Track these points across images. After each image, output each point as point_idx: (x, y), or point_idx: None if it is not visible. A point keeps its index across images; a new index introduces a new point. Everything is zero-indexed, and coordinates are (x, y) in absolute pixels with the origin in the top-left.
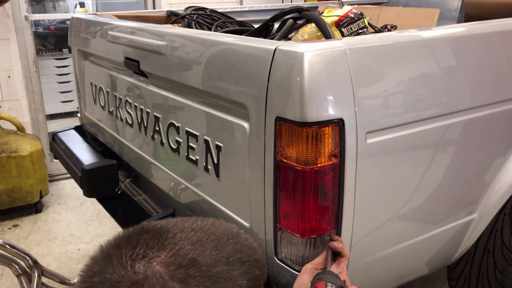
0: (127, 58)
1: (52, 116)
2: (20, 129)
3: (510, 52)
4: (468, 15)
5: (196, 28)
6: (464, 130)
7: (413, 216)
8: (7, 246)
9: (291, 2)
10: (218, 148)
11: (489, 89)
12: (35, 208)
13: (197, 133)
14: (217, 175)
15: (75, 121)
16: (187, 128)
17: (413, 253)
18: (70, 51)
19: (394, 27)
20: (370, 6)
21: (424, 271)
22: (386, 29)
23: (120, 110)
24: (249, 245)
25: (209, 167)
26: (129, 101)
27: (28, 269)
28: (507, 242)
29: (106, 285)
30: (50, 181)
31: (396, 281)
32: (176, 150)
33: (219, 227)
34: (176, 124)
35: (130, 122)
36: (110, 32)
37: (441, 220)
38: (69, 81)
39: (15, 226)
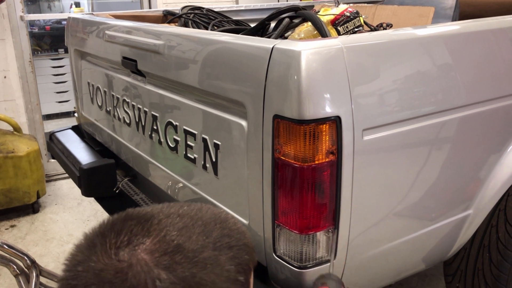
0: (124, 58)
1: (48, 116)
2: (17, 129)
3: (504, 49)
4: (462, 13)
5: (193, 27)
6: (459, 127)
7: (410, 212)
8: (5, 246)
9: (287, 1)
10: (216, 146)
11: (484, 86)
12: (32, 208)
13: (195, 132)
14: (216, 173)
15: (72, 121)
16: (185, 127)
17: (409, 249)
18: (66, 51)
19: (389, 26)
20: (366, 4)
21: (421, 266)
22: (381, 28)
23: (117, 109)
24: (237, 230)
25: (208, 165)
26: (127, 100)
27: (26, 269)
28: (502, 238)
29: (90, 274)
30: (47, 181)
31: (393, 277)
32: (174, 149)
33: (206, 212)
34: (174, 123)
35: (128, 122)
36: (107, 32)
37: (437, 216)
38: (65, 81)
39: (12, 226)
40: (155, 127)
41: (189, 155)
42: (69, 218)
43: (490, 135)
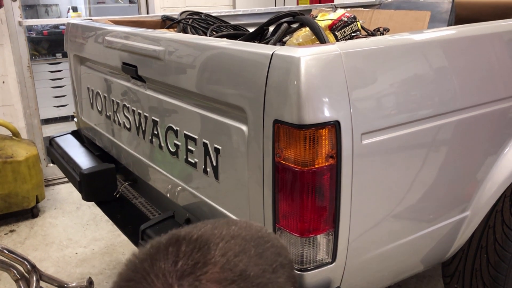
0: (124, 63)
1: (46, 121)
2: (16, 134)
3: (499, 53)
4: (458, 16)
5: (192, 33)
6: (456, 130)
7: (408, 215)
8: (5, 251)
9: (284, 5)
10: (216, 150)
11: (480, 89)
12: (32, 213)
13: (196, 136)
14: (216, 177)
15: (70, 126)
16: (185, 132)
17: (408, 250)
18: (63, 56)
19: (386, 30)
20: (363, 9)
21: (419, 268)
22: (378, 32)
23: (117, 114)
24: (282, 246)
25: (208, 169)
26: (127, 105)
27: (26, 274)
28: (499, 239)
29: None
30: (46, 186)
31: (392, 279)
32: (175, 153)
33: (251, 229)
34: (175, 128)
35: (128, 126)
36: (107, 38)
37: (435, 218)
38: (62, 86)
39: (11, 231)
40: (155, 132)
41: (189, 159)
42: (68, 223)
43: (487, 137)
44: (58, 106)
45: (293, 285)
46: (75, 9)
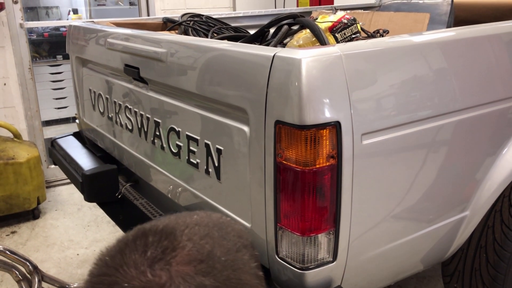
0: (126, 65)
1: (47, 123)
2: (17, 136)
3: (498, 55)
4: (457, 18)
5: (193, 35)
6: (455, 131)
7: (408, 214)
8: (7, 252)
9: (284, 7)
10: (218, 151)
11: (479, 90)
12: (33, 214)
13: (198, 137)
14: (218, 177)
15: (70, 127)
16: (187, 133)
17: (408, 250)
18: (64, 58)
19: (386, 32)
20: (362, 11)
21: (419, 267)
22: (378, 34)
23: (119, 116)
24: (241, 229)
25: (210, 170)
26: (129, 107)
27: (28, 275)
28: (498, 238)
29: None
30: (47, 187)
31: (392, 278)
32: (177, 154)
33: (213, 217)
34: (177, 129)
35: (130, 128)
36: (109, 40)
37: (435, 218)
38: (63, 88)
39: (13, 232)
40: (157, 133)
41: (191, 160)
42: (69, 224)
43: (486, 138)
44: (58, 108)
45: (256, 262)
46: (75, 11)
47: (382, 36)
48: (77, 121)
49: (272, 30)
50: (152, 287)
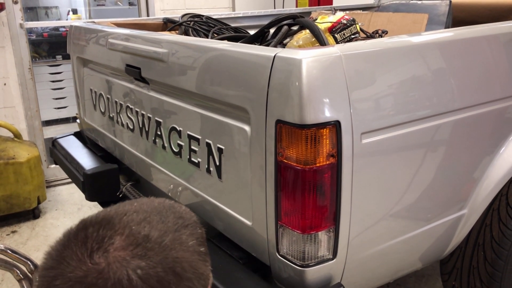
0: (128, 65)
1: (47, 123)
2: (17, 136)
3: (495, 55)
4: (455, 18)
5: (193, 35)
6: (454, 130)
7: (407, 213)
8: (8, 251)
9: (283, 7)
10: (219, 150)
11: (477, 90)
12: (33, 214)
13: (199, 137)
14: (219, 176)
15: (70, 127)
16: (188, 132)
17: (407, 248)
18: (63, 58)
19: (385, 32)
20: (361, 12)
21: (418, 265)
22: (377, 34)
23: (120, 115)
24: (185, 211)
25: (211, 169)
26: (130, 106)
27: (29, 274)
28: (496, 236)
29: (71, 283)
30: (47, 187)
31: (391, 276)
32: (178, 154)
33: (154, 203)
34: (178, 128)
35: (131, 127)
36: (110, 40)
37: (433, 216)
38: (62, 88)
39: (13, 232)
40: (158, 133)
41: (193, 159)
42: (69, 224)
43: (483, 137)
44: (58, 108)
45: (197, 239)
46: (75, 12)
47: (381, 36)
48: (78, 121)
49: (272, 31)
50: (92, 274)
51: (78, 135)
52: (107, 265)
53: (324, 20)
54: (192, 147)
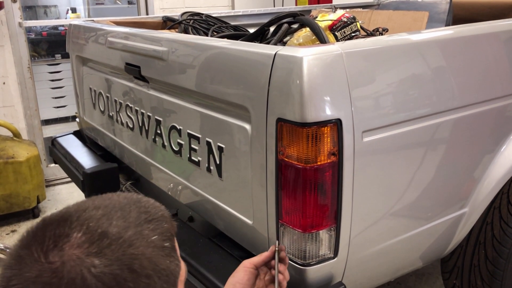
0: (127, 64)
1: (46, 122)
2: (16, 135)
3: (496, 53)
4: (455, 16)
5: (193, 33)
6: (454, 128)
7: (408, 211)
8: (7, 250)
9: (282, 5)
10: (220, 149)
11: (477, 88)
12: (33, 213)
13: (199, 135)
14: (220, 175)
15: (69, 126)
16: (189, 131)
17: (408, 246)
18: (62, 57)
19: (385, 30)
20: (362, 10)
21: (419, 264)
22: (378, 32)
23: (120, 114)
24: (152, 205)
25: (212, 167)
26: (130, 105)
27: None
28: (497, 235)
29: (27, 283)
30: (46, 186)
31: (392, 274)
32: (178, 152)
33: (119, 198)
34: (178, 127)
35: (131, 126)
36: (110, 39)
37: (434, 215)
38: (62, 87)
39: (13, 231)
40: (158, 131)
41: (193, 158)
42: None
43: (484, 135)
44: (57, 107)
45: (161, 234)
46: (74, 10)
47: (382, 34)
48: (77, 119)
49: (272, 29)
50: (47, 273)
51: (78, 134)
52: (61, 264)
53: (325, 18)
54: (192, 145)
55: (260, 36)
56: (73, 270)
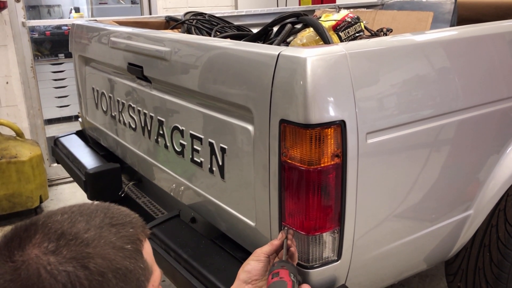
0: (130, 64)
1: (49, 121)
2: (19, 134)
3: (501, 53)
4: (460, 16)
5: (196, 33)
6: (459, 130)
7: (412, 213)
8: None
9: (286, 5)
10: (222, 150)
11: (482, 89)
12: (35, 213)
13: (202, 136)
14: (222, 176)
15: (72, 126)
16: (191, 131)
17: (412, 249)
18: (66, 56)
19: (389, 30)
20: (366, 10)
21: (423, 266)
22: (382, 33)
23: (122, 114)
24: (121, 212)
25: (214, 168)
26: (132, 105)
27: None
28: (502, 237)
29: None
30: (49, 186)
31: (396, 277)
32: (181, 153)
33: (90, 206)
34: (180, 128)
35: (134, 126)
36: (112, 39)
37: (439, 217)
38: (65, 86)
39: None
40: (161, 132)
41: (195, 159)
42: None
43: (489, 137)
44: (60, 107)
45: (124, 237)
46: (77, 10)
47: (386, 34)
48: (79, 119)
49: (275, 29)
50: (10, 272)
51: (80, 134)
52: (21, 262)
53: (328, 18)
54: (195, 146)
55: (263, 36)
56: (30, 268)
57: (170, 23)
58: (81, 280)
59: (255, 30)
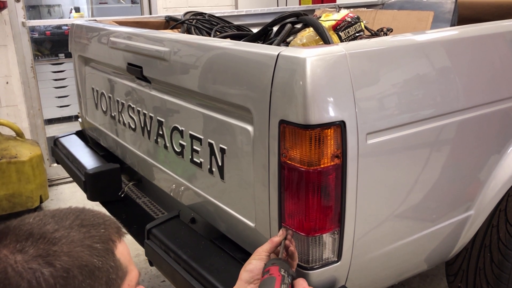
0: (129, 64)
1: (49, 121)
2: (19, 134)
3: (502, 53)
4: (460, 16)
5: (196, 33)
6: (460, 130)
7: (412, 214)
8: None
9: (286, 5)
10: (222, 150)
11: (483, 89)
12: None
13: (201, 137)
14: (222, 177)
15: (73, 126)
16: (191, 132)
17: (412, 250)
18: (66, 56)
19: (390, 30)
20: (366, 9)
21: (423, 267)
22: (382, 32)
23: (122, 114)
24: (95, 215)
25: (214, 169)
26: (132, 105)
27: None
28: (503, 238)
29: None
30: (49, 186)
31: (396, 278)
32: (180, 153)
33: (64, 210)
34: (180, 128)
35: (133, 127)
36: (112, 39)
37: (439, 217)
38: (65, 86)
39: None
40: (160, 132)
41: (195, 159)
42: None
43: (490, 137)
44: (60, 107)
45: (94, 237)
46: (77, 10)
47: (386, 34)
48: (79, 119)
49: (275, 29)
50: None
51: (80, 134)
52: None
53: (328, 18)
54: (194, 147)
55: (263, 36)
56: None
57: (170, 23)
58: (45, 277)
59: (255, 30)
